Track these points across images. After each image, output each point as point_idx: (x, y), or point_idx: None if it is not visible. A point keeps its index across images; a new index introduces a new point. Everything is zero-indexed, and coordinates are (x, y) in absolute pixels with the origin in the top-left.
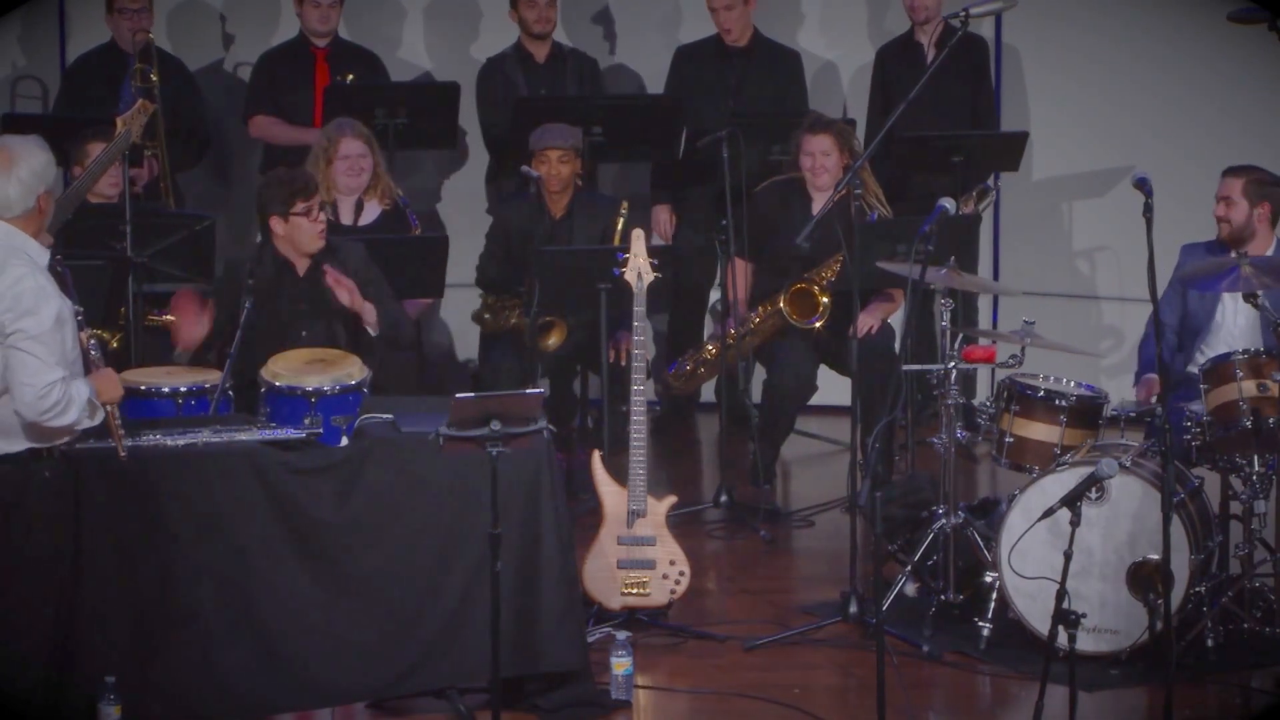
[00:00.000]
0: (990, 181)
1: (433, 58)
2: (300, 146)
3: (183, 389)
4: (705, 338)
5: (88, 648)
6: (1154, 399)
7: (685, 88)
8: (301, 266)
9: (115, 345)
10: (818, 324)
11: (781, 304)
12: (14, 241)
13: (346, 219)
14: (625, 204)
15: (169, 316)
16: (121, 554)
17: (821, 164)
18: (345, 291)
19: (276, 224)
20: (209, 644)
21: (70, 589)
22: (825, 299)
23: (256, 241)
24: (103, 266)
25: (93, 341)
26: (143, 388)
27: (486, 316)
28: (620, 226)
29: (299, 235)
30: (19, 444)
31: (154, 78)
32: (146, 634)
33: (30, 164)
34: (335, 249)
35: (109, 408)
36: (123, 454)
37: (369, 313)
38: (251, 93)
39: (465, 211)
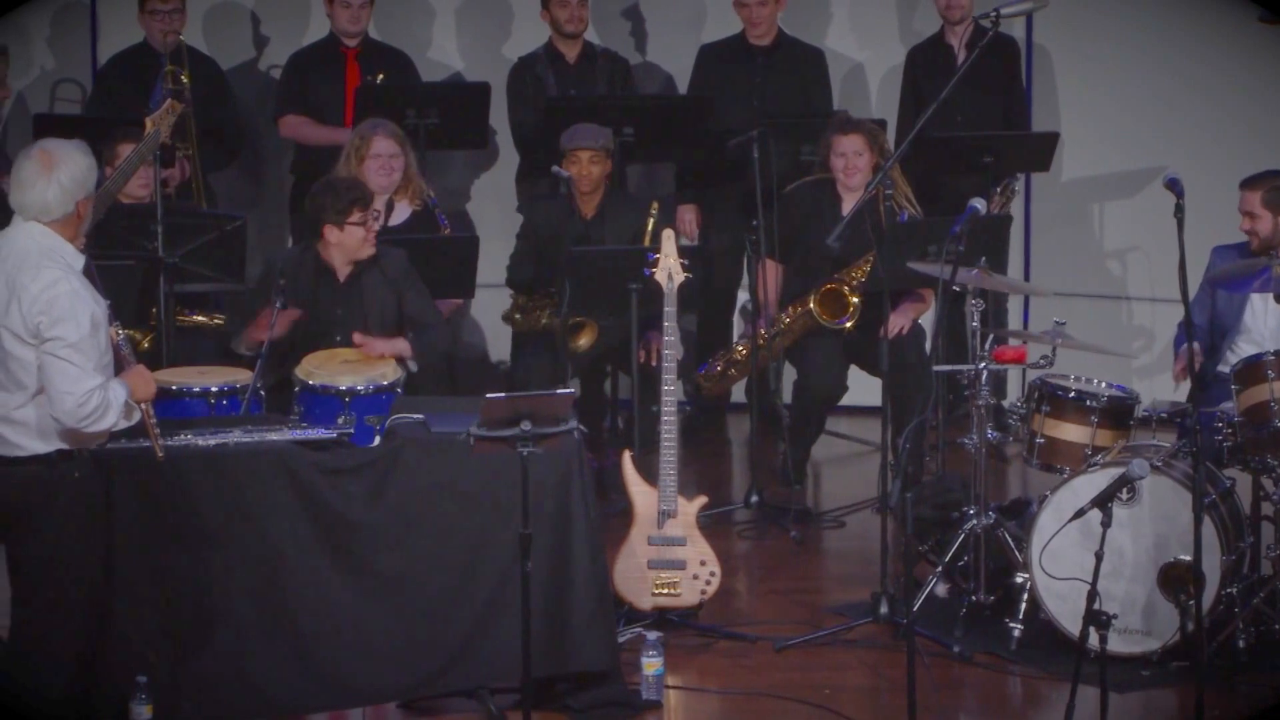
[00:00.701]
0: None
1: (463, 58)
2: (330, 146)
3: (214, 389)
4: (735, 338)
5: (119, 648)
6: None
7: (710, 87)
8: (343, 273)
9: (146, 345)
10: (848, 324)
11: (812, 304)
12: (50, 244)
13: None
14: (656, 205)
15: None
16: (153, 554)
17: (854, 164)
18: (375, 353)
19: (330, 232)
20: (240, 644)
21: (102, 589)
22: (855, 299)
23: (289, 242)
24: (134, 266)
25: (122, 337)
26: (174, 387)
27: (517, 317)
28: (651, 227)
29: (351, 243)
30: (49, 445)
31: (185, 79)
32: (178, 634)
33: (71, 169)
34: (376, 256)
35: (144, 406)
36: (160, 454)
37: (404, 349)
38: (281, 92)
39: (495, 212)
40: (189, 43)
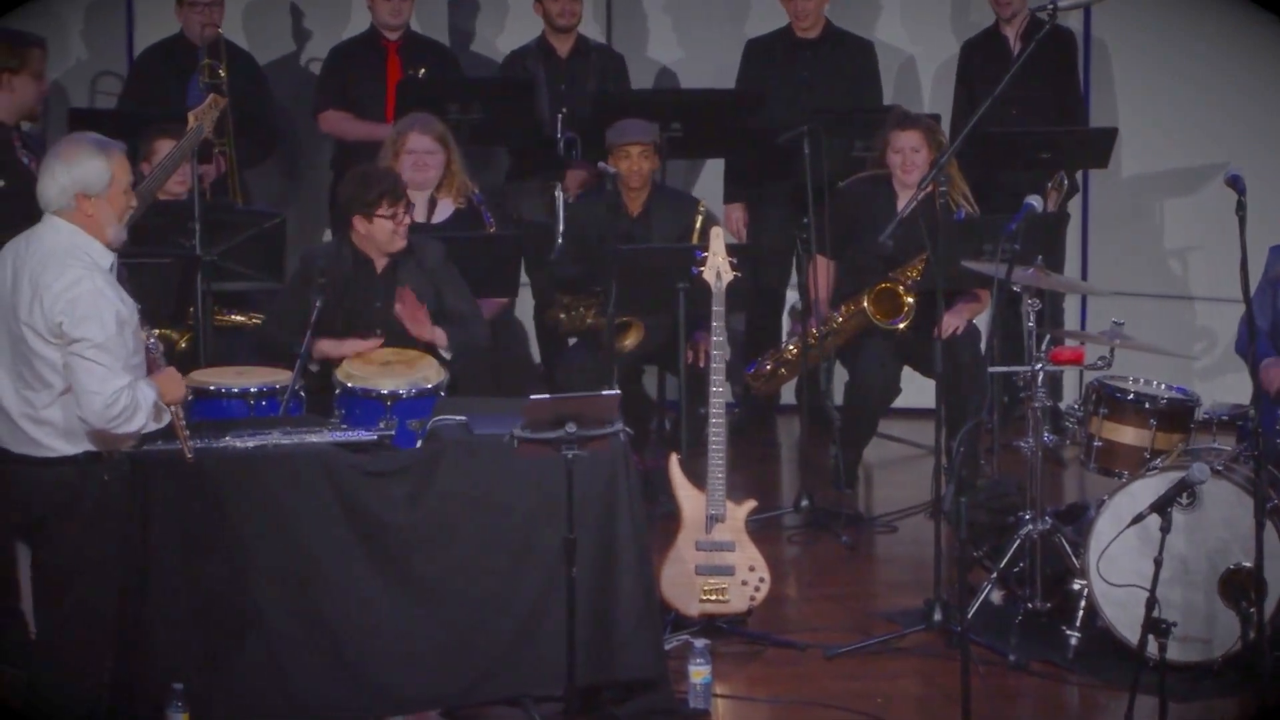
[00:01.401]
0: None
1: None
2: (371, 142)
3: (253, 389)
4: (785, 338)
5: (154, 654)
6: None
7: (757, 82)
8: (380, 264)
9: (184, 345)
10: (901, 325)
11: (865, 304)
12: (75, 241)
13: (419, 216)
14: (703, 203)
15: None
16: (189, 558)
17: (911, 160)
18: (414, 324)
19: (359, 222)
20: (278, 650)
21: (136, 594)
22: (910, 299)
23: (325, 238)
24: (171, 265)
25: (153, 340)
26: (212, 388)
27: (562, 316)
28: (699, 225)
29: (380, 235)
30: (77, 446)
31: (222, 73)
32: (214, 640)
33: (73, 165)
34: (413, 248)
35: (174, 408)
36: (189, 456)
37: (440, 338)
38: (321, 87)
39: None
40: (228, 36)
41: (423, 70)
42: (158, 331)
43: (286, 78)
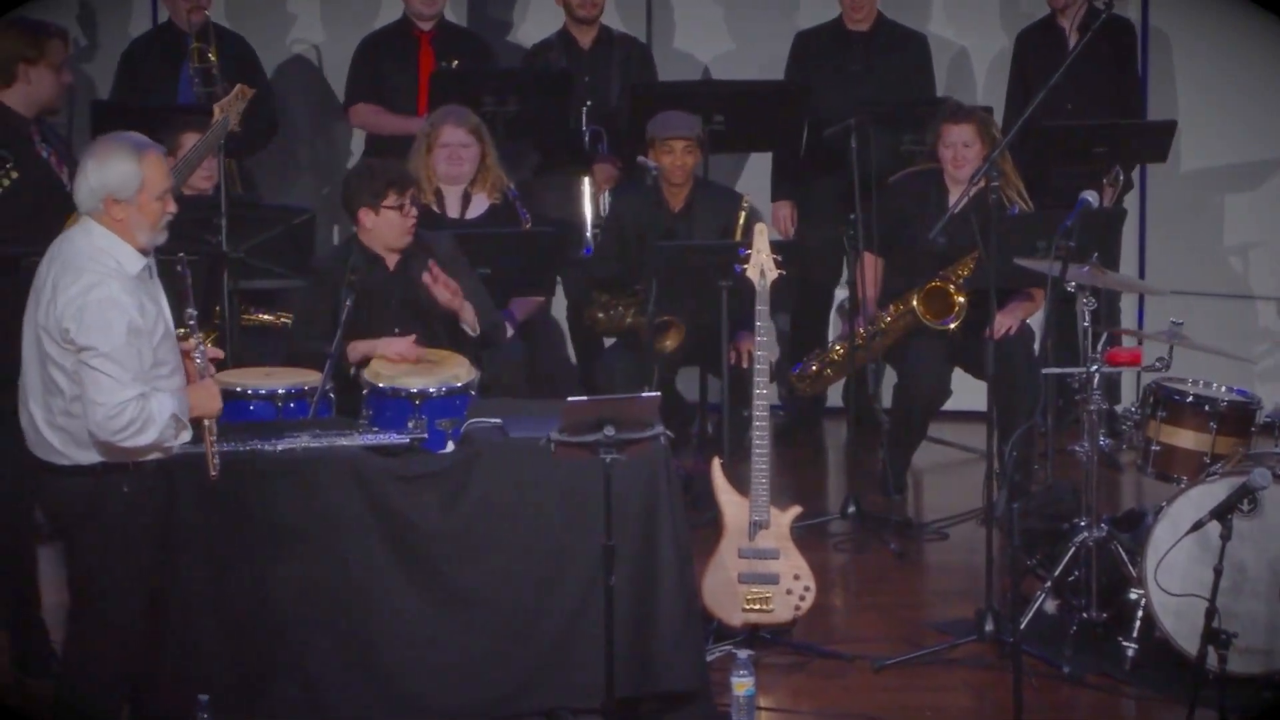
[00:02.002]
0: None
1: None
2: (403, 136)
3: (281, 391)
4: (832, 338)
5: (180, 664)
6: None
7: (806, 74)
8: (391, 261)
9: (212, 345)
10: (952, 325)
11: (915, 303)
12: (102, 245)
13: (453, 211)
14: (747, 198)
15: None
16: (215, 565)
17: (963, 155)
18: (445, 290)
19: (366, 216)
20: (306, 660)
21: (161, 603)
22: (961, 298)
23: (345, 235)
24: (196, 262)
25: (199, 351)
26: (239, 390)
27: (600, 315)
28: (742, 221)
29: (387, 229)
30: (92, 456)
31: (212, 57)
32: (240, 649)
33: (104, 168)
34: (424, 241)
35: (207, 423)
36: (213, 474)
37: (468, 312)
38: (352, 80)
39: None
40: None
41: (455, 61)
42: (206, 340)
43: (309, 70)
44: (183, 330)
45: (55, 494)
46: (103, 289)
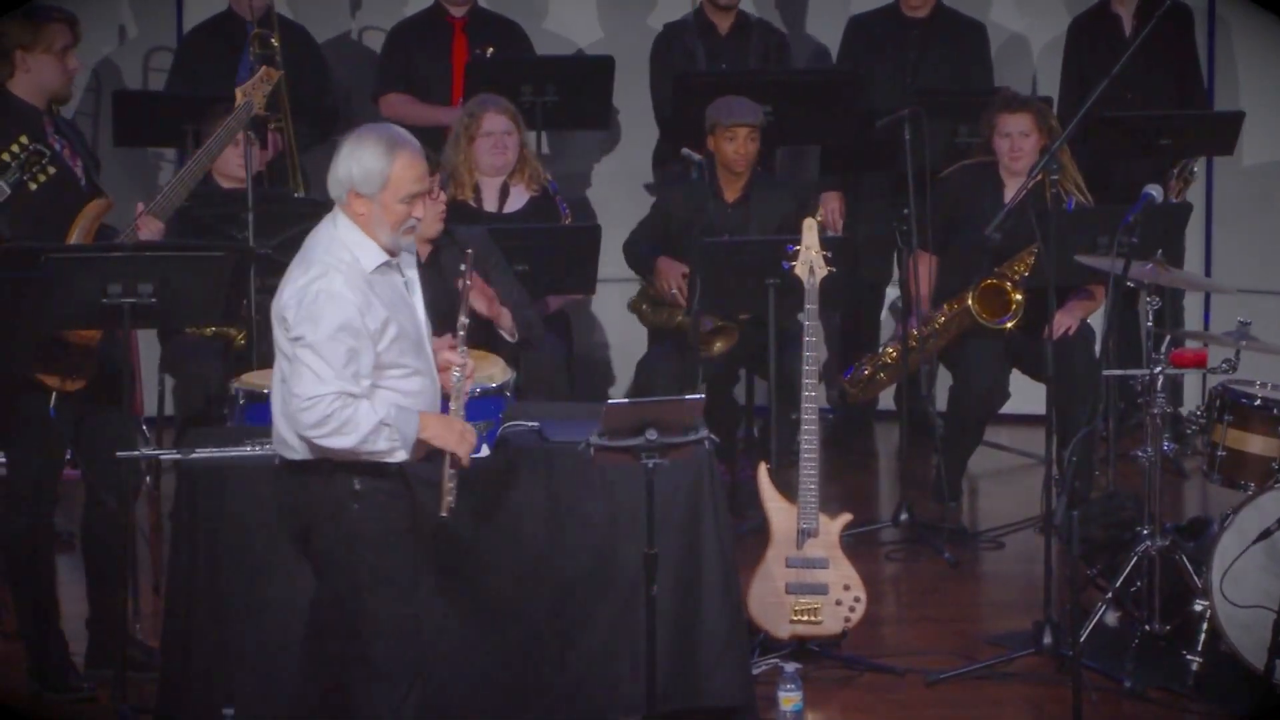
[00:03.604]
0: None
1: (583, 29)
2: (435, 127)
3: None
4: (884, 340)
5: (206, 675)
6: None
7: (860, 62)
8: (423, 253)
9: (241, 342)
10: (1009, 324)
11: (970, 302)
12: (344, 237)
13: (490, 205)
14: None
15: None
16: (239, 574)
17: (1019, 146)
18: (482, 299)
19: None
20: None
21: (184, 611)
22: (1018, 296)
23: None
24: (224, 257)
25: (459, 365)
26: (265, 391)
27: (645, 308)
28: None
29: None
30: (315, 452)
31: (275, 42)
32: (266, 658)
33: (357, 159)
34: (454, 234)
35: (449, 454)
36: (443, 513)
37: (505, 318)
38: (382, 69)
39: (621, 199)
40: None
41: (490, 49)
42: (466, 358)
43: (341, 58)
44: (453, 340)
45: (290, 492)
46: (325, 280)
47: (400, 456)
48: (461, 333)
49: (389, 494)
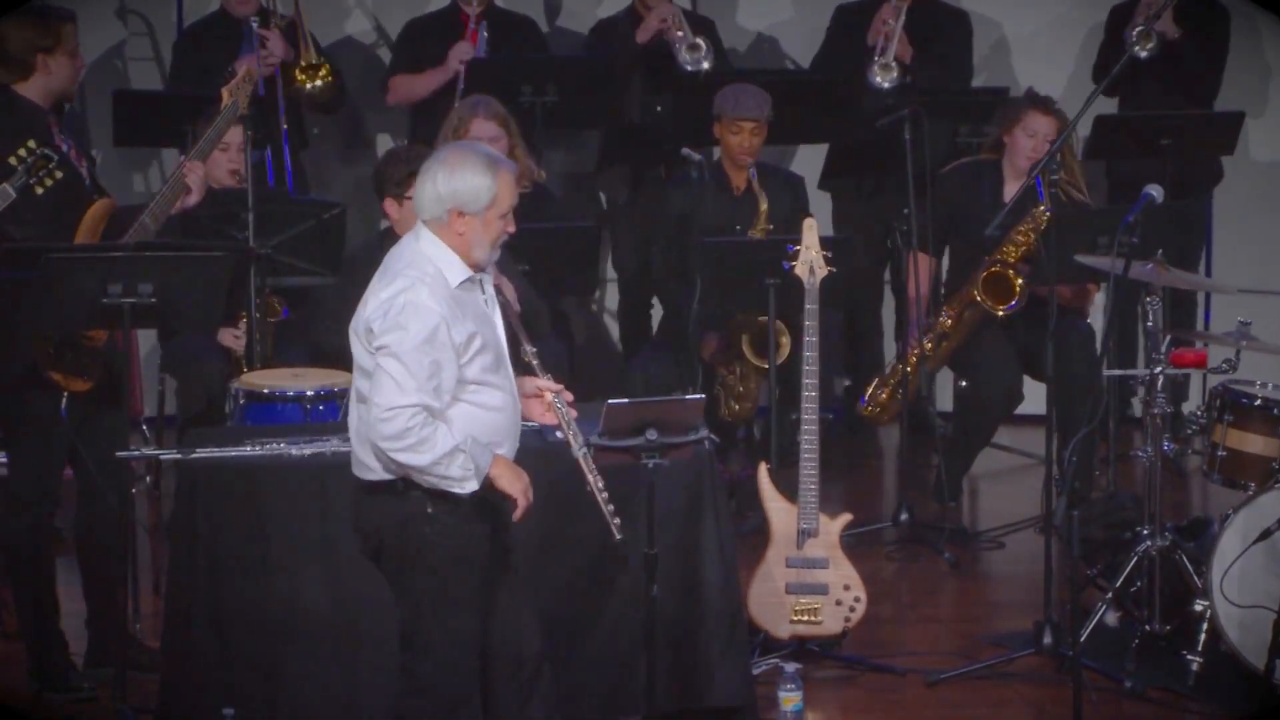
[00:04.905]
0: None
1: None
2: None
3: (309, 392)
4: (891, 351)
5: (207, 676)
6: None
7: (845, 50)
8: None
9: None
10: (1016, 306)
11: (976, 294)
12: (428, 252)
13: None
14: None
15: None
16: (242, 573)
17: (1041, 148)
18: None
19: (390, 206)
20: (337, 669)
21: (185, 611)
22: (1020, 280)
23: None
24: (223, 258)
25: (554, 395)
26: (266, 391)
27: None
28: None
29: (413, 220)
30: (392, 471)
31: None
32: (269, 659)
33: (452, 176)
34: None
35: (593, 478)
36: (617, 535)
37: (506, 287)
38: (394, 60)
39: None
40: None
41: (484, 30)
42: (552, 387)
43: (346, 62)
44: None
45: (366, 513)
46: (412, 292)
47: (471, 487)
48: (535, 361)
49: (461, 519)
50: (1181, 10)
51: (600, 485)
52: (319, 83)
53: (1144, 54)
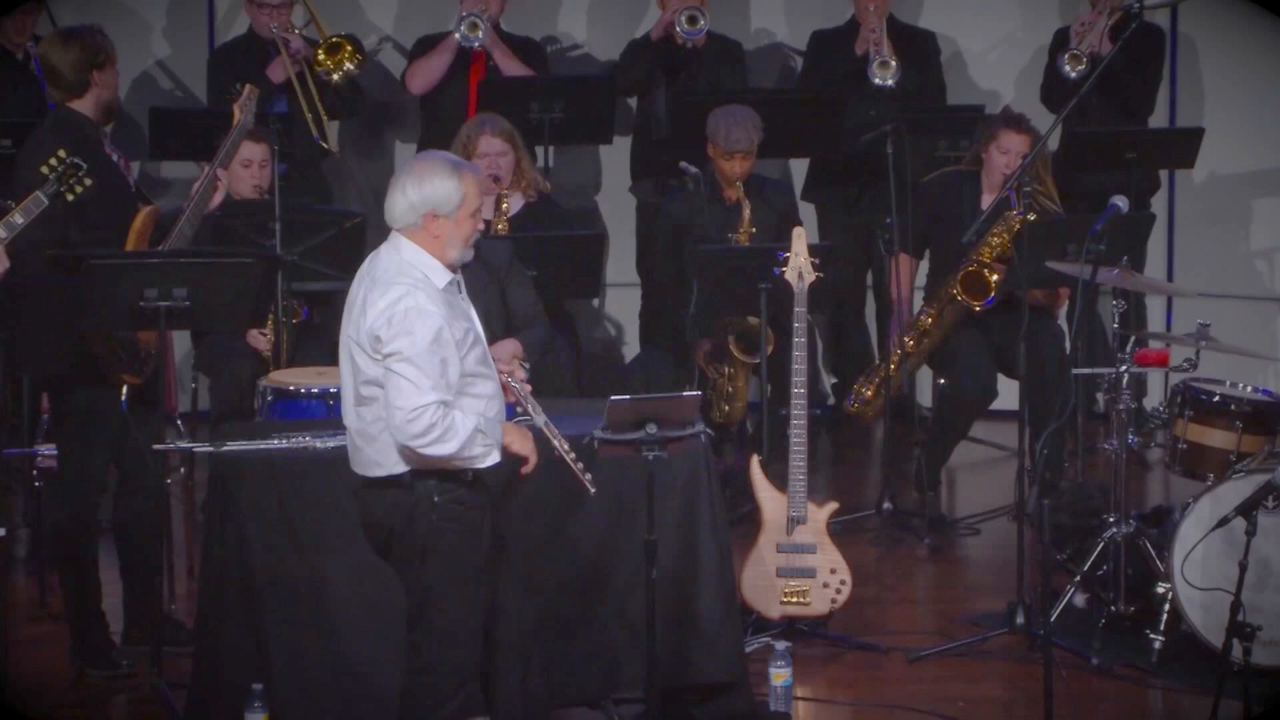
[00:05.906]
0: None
1: (599, 49)
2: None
3: (333, 390)
4: (877, 348)
5: (238, 653)
6: None
7: (822, 76)
8: None
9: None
10: (992, 303)
11: (955, 293)
12: (411, 260)
13: (486, 214)
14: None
15: None
16: (269, 558)
17: (1016, 163)
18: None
19: None
20: (358, 653)
21: (215, 594)
22: (995, 277)
23: None
24: (251, 264)
25: (518, 378)
26: (291, 388)
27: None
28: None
29: None
30: (402, 465)
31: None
32: (294, 640)
33: (423, 184)
34: (477, 246)
35: (557, 442)
36: (591, 489)
37: (518, 352)
38: (411, 59)
39: (625, 207)
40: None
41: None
42: (522, 370)
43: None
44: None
45: (371, 507)
46: (410, 299)
47: (495, 459)
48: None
49: (466, 506)
50: (1116, 31)
51: (566, 447)
52: (348, 65)
53: (1074, 75)
